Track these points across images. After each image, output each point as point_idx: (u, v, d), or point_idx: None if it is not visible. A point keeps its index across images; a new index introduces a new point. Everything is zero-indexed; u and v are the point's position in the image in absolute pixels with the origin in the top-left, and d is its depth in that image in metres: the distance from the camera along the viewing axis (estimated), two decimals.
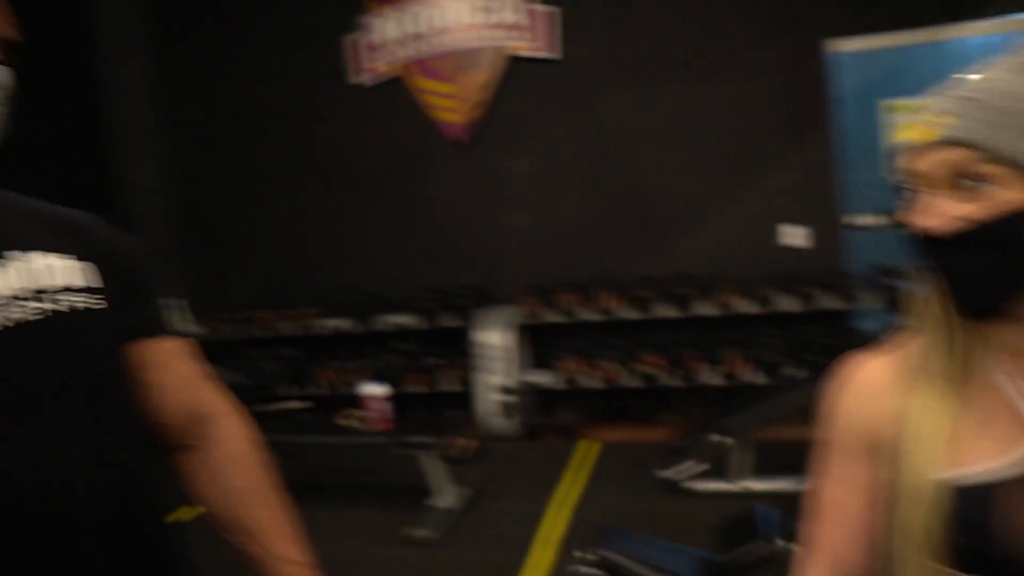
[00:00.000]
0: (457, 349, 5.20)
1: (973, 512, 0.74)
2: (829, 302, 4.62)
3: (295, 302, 5.52)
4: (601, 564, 2.35)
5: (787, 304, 4.70)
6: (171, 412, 1.01)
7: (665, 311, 4.85)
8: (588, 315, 4.95)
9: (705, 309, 4.79)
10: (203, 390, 1.08)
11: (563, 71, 5.15)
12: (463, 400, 5.14)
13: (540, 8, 5.07)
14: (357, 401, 3.99)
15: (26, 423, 0.79)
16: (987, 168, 0.72)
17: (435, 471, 3.76)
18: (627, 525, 3.19)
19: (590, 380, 4.90)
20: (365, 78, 5.41)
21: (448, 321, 5.16)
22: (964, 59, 0.85)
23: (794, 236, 4.91)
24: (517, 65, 5.19)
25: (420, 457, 3.75)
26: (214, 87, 5.78)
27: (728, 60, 4.96)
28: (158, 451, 1.01)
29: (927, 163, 0.76)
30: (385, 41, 5.32)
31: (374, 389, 3.92)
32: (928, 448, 0.77)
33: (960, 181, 0.74)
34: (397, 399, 4.06)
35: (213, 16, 5.72)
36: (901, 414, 0.81)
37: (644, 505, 3.72)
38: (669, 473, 3.80)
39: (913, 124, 0.78)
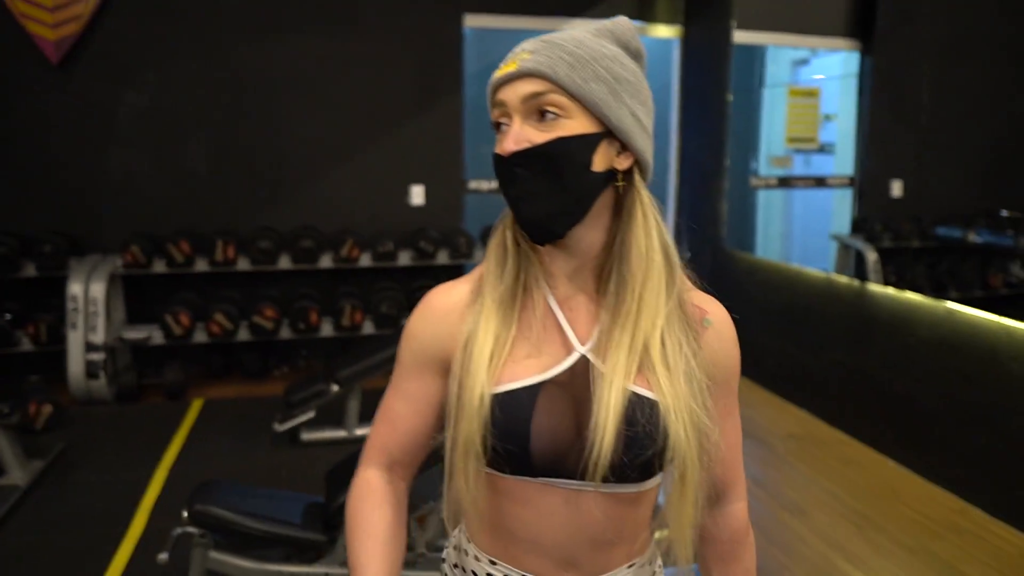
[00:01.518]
0: (43, 304, 4.53)
1: (512, 419, 0.81)
2: (444, 258, 4.90)
3: None
4: (196, 519, 2.21)
5: (405, 259, 4.89)
6: None
7: (285, 264, 4.73)
8: (202, 267, 4.62)
9: (326, 262, 4.76)
10: None
11: (195, 4, 4.69)
12: (50, 361, 4.51)
13: None
14: None
15: None
16: (556, 99, 0.80)
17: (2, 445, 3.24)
18: (240, 480, 3.06)
19: (200, 336, 4.58)
20: None
21: (31, 271, 4.46)
22: None
23: (419, 196, 5.11)
24: None
25: None
26: None
27: (370, 19, 4.93)
28: None
29: (509, 93, 0.82)
30: None
31: None
32: (481, 366, 0.82)
33: (534, 110, 0.81)
34: None
35: None
36: (464, 335, 0.86)
37: (258, 460, 3.61)
38: (283, 426, 3.74)
39: (505, 62, 0.83)
